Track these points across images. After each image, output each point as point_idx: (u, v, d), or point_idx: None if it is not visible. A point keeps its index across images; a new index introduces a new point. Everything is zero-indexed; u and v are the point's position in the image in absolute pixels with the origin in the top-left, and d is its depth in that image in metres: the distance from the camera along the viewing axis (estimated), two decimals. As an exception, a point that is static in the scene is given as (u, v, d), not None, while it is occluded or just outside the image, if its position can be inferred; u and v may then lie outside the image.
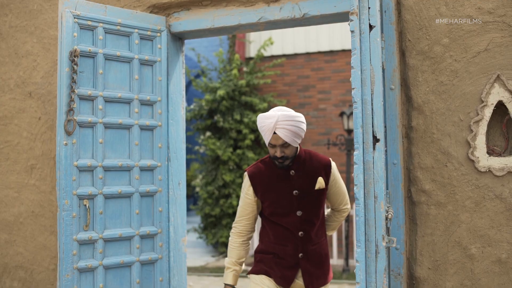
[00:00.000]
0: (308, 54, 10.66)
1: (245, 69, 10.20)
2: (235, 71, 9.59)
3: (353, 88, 2.20)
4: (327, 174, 2.83)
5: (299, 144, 2.79)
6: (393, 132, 2.69)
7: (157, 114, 3.16)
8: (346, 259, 8.48)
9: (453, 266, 2.57)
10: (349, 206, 3.01)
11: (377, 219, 2.20)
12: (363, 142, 2.21)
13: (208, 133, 9.57)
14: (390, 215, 2.29)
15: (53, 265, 3.30)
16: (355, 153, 2.19)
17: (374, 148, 2.22)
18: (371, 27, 2.24)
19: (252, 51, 10.88)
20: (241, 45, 10.73)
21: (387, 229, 2.27)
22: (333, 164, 2.88)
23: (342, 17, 2.95)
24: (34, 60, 3.44)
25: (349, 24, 2.24)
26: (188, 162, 13.77)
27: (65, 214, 2.84)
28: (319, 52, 10.59)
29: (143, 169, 3.10)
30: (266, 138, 2.66)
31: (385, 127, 2.65)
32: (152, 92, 3.16)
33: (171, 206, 3.24)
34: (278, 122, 2.61)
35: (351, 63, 2.25)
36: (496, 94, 2.52)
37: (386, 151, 2.59)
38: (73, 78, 2.87)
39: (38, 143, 3.39)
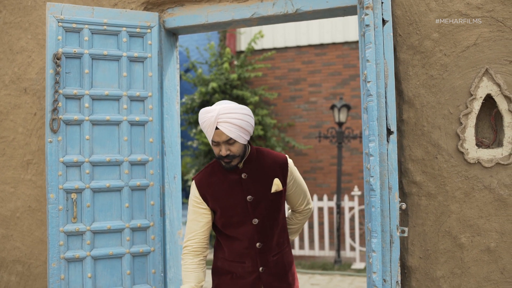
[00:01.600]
0: (298, 47, 10.70)
1: (235, 62, 10.22)
2: (226, 65, 9.61)
3: (369, 82, 2.22)
4: (283, 174, 2.58)
5: (249, 143, 2.58)
6: (385, 125, 2.75)
7: (148, 109, 3.21)
8: (338, 251, 8.57)
9: (443, 255, 2.64)
10: (311, 205, 2.77)
11: (391, 209, 2.25)
12: (378, 135, 2.25)
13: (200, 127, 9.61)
14: (403, 205, 2.35)
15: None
16: (370, 145, 2.21)
17: (388, 141, 2.27)
18: (384, 21, 2.29)
19: (242, 45, 10.91)
20: (232, 39, 10.75)
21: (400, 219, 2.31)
22: (290, 161, 2.63)
23: (334, 12, 2.99)
24: (28, 56, 3.46)
25: (363, 18, 2.28)
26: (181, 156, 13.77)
27: (51, 207, 3.00)
28: (310, 46, 10.65)
29: (134, 164, 3.17)
30: (209, 135, 2.41)
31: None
32: (143, 88, 3.21)
33: (167, 200, 3.30)
34: (220, 115, 2.35)
35: (366, 57, 2.25)
36: (485, 88, 2.58)
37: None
38: (56, 79, 3.01)
39: (34, 138, 3.42)
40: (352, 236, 9.25)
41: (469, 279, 2.59)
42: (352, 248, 9.01)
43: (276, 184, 2.54)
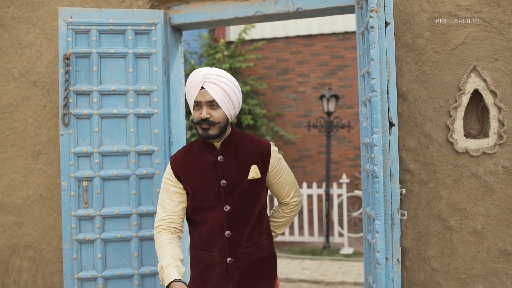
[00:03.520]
0: (287, 38, 10.84)
1: (225, 52, 10.32)
2: (219, 55, 9.70)
3: (373, 78, 2.36)
4: (264, 162, 2.38)
5: (232, 126, 2.43)
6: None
7: (153, 102, 3.38)
8: (327, 237, 8.79)
9: (434, 237, 2.80)
10: (299, 198, 2.56)
11: (393, 194, 2.43)
12: (381, 127, 2.43)
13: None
14: (403, 191, 2.55)
15: (62, 244, 3.50)
16: (375, 136, 2.35)
17: (390, 132, 2.47)
18: (386, 23, 2.46)
19: (232, 35, 11.01)
20: (221, 29, 10.84)
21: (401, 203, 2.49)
22: (274, 149, 2.43)
23: (332, 11, 3.13)
24: (37, 50, 3.59)
25: (368, 20, 2.45)
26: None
27: (64, 194, 3.24)
28: (298, 36, 10.79)
29: (140, 154, 3.34)
30: (192, 96, 2.26)
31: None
32: (149, 82, 3.37)
33: (173, 188, 3.48)
34: (208, 75, 2.24)
35: (371, 56, 2.37)
36: (472, 83, 2.72)
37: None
38: (65, 77, 3.23)
39: (44, 129, 3.56)
40: (341, 223, 9.47)
41: (458, 258, 2.76)
42: (341, 234, 9.25)
43: (254, 171, 2.36)
